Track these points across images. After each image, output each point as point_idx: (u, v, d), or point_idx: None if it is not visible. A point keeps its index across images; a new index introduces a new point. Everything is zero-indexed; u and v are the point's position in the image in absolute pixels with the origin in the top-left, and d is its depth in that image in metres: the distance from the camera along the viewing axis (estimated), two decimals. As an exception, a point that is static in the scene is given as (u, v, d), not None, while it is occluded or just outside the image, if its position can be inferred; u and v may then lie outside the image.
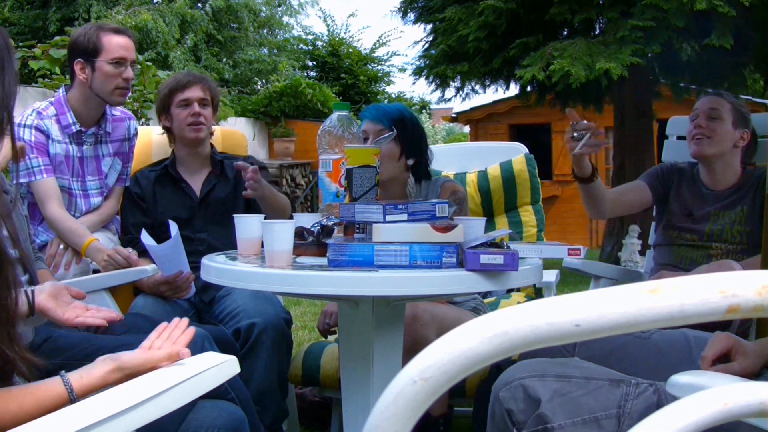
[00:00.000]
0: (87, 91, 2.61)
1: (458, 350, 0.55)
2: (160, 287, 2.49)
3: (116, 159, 2.76)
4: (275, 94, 11.81)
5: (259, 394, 2.26)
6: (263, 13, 16.53)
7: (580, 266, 2.53)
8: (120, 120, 2.79)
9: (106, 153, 2.74)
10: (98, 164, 2.72)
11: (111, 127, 2.74)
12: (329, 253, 1.59)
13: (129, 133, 2.80)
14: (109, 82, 2.59)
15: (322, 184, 1.89)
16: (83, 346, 1.86)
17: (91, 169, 2.70)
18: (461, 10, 7.42)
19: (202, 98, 2.66)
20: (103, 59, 2.57)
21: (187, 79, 2.69)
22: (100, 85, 2.59)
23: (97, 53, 2.57)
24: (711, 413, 0.59)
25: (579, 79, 6.34)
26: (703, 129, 2.46)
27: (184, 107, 2.64)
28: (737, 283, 0.54)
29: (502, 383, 1.36)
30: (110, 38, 2.59)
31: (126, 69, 2.60)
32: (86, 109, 2.65)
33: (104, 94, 2.61)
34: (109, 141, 2.75)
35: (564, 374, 1.34)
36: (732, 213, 2.45)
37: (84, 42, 2.58)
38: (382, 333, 1.77)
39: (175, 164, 2.74)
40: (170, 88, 2.69)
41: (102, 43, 2.57)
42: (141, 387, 1.11)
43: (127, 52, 2.61)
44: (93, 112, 2.67)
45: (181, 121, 2.65)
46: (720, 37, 6.43)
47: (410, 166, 2.43)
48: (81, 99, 2.64)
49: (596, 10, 7.01)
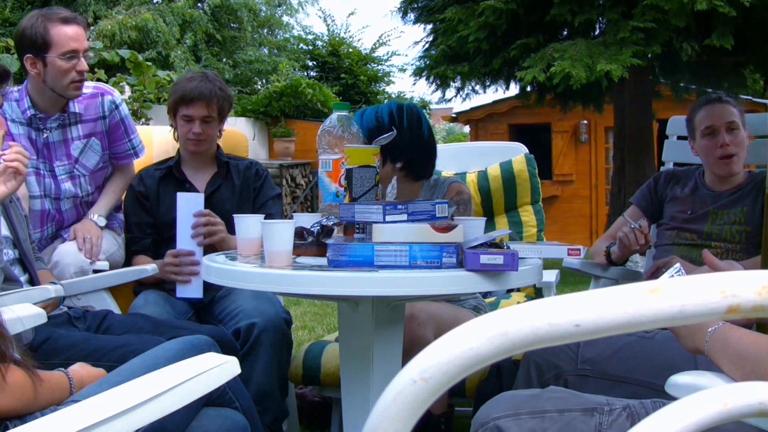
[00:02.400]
0: (41, 85, 2.50)
1: (458, 350, 0.55)
2: (166, 266, 2.48)
3: (93, 140, 2.64)
4: (275, 94, 11.81)
5: (259, 395, 2.26)
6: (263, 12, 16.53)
7: (580, 266, 2.53)
8: (92, 97, 2.65)
9: (76, 136, 2.63)
10: (67, 148, 2.62)
11: (81, 108, 2.62)
12: (329, 253, 1.59)
13: (103, 109, 2.66)
14: (63, 77, 2.47)
15: (322, 184, 1.89)
16: (83, 346, 1.86)
17: (59, 154, 2.61)
18: (461, 10, 7.43)
19: (205, 116, 2.59)
20: (54, 54, 2.43)
21: (192, 95, 2.57)
22: (53, 81, 2.48)
23: (47, 48, 2.43)
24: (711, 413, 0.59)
25: (579, 81, 6.35)
26: (729, 147, 2.43)
27: (187, 122, 2.61)
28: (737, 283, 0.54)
29: (478, 424, 1.36)
30: (59, 30, 2.43)
31: (79, 61, 2.47)
32: (42, 99, 2.55)
33: (59, 89, 2.50)
34: (81, 122, 2.63)
35: (538, 410, 1.34)
36: (732, 213, 2.45)
37: (32, 35, 2.42)
38: (382, 333, 1.77)
39: (180, 164, 2.73)
40: (176, 98, 2.61)
41: (51, 36, 2.42)
42: (141, 387, 1.11)
43: (79, 42, 2.47)
44: (51, 102, 2.56)
45: (182, 134, 2.65)
46: (720, 38, 6.44)
47: (399, 168, 2.35)
48: (36, 91, 2.54)
49: (597, 11, 7.01)
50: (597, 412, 1.33)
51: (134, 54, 7.04)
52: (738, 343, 1.22)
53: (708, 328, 1.28)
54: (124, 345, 1.86)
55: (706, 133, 2.48)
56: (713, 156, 2.47)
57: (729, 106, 2.49)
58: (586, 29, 7.20)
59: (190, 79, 2.65)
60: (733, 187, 2.49)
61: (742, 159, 2.47)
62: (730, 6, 6.24)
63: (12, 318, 1.56)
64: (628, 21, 6.56)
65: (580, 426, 1.31)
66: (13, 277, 1.98)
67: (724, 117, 2.45)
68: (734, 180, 2.50)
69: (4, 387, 1.23)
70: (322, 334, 4.70)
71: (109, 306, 2.36)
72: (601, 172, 12.49)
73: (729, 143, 2.43)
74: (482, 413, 1.38)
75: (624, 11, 6.73)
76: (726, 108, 2.48)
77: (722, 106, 2.49)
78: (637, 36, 6.49)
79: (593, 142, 12.49)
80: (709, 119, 2.48)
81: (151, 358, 1.45)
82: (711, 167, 2.51)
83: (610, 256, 2.50)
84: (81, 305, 2.31)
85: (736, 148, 2.44)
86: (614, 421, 1.31)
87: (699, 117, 2.51)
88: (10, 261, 2.03)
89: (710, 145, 2.47)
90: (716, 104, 2.50)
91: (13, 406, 1.26)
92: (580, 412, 1.33)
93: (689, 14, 6.32)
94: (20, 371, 1.27)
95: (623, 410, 1.32)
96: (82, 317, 2.16)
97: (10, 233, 2.04)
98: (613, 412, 1.32)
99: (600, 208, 12.34)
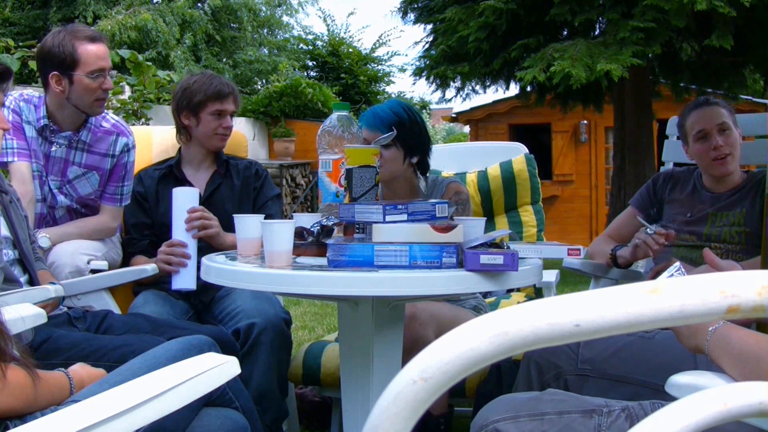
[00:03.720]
0: (63, 102, 2.51)
1: (458, 350, 0.55)
2: (159, 255, 2.44)
3: (94, 174, 2.63)
4: (275, 94, 11.81)
5: (259, 395, 2.26)
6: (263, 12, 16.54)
7: (580, 266, 2.53)
8: (108, 133, 2.65)
9: (78, 161, 2.61)
10: (65, 168, 2.60)
11: (92, 138, 2.62)
12: (329, 254, 1.59)
13: (114, 149, 2.66)
14: (89, 95, 2.49)
15: (322, 184, 1.89)
16: (83, 346, 1.86)
17: (55, 169, 2.59)
18: (461, 10, 7.43)
19: (233, 111, 2.69)
20: (82, 72, 2.45)
21: (227, 90, 2.64)
22: (78, 98, 2.49)
23: (74, 66, 2.44)
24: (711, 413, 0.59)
25: (579, 81, 6.35)
26: (723, 147, 2.44)
27: (218, 117, 2.64)
28: (737, 283, 0.54)
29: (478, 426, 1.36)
30: (87, 48, 2.45)
31: (105, 80, 2.50)
32: (61, 114, 2.55)
33: (83, 106, 2.52)
34: (87, 151, 2.62)
35: (537, 412, 1.34)
36: (731, 215, 2.45)
37: (59, 53, 2.43)
38: (382, 333, 1.77)
39: (180, 164, 2.73)
40: (208, 95, 2.62)
41: (79, 54, 2.43)
42: (141, 387, 1.11)
43: (105, 61, 2.49)
44: (69, 118, 2.56)
45: (210, 129, 2.64)
46: (720, 38, 6.44)
47: (414, 163, 2.42)
48: (56, 107, 2.54)
49: (597, 11, 7.01)
50: (596, 414, 1.33)
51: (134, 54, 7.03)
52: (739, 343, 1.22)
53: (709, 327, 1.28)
54: (124, 345, 1.85)
55: (698, 138, 2.48)
56: (708, 159, 2.47)
57: (718, 107, 2.49)
58: (586, 29, 7.20)
59: (210, 78, 2.69)
60: (731, 188, 2.49)
61: (736, 158, 2.48)
62: (730, 6, 6.24)
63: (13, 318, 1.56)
64: (628, 21, 6.56)
65: (579, 428, 1.31)
66: (13, 278, 1.98)
67: (714, 119, 2.45)
68: (732, 180, 2.50)
69: (5, 385, 1.22)
70: (322, 334, 4.71)
71: (108, 306, 2.36)
72: (601, 172, 12.50)
73: (722, 144, 2.43)
74: (481, 416, 1.38)
75: (624, 11, 6.73)
76: (715, 110, 2.48)
77: (711, 109, 2.48)
78: (637, 36, 6.48)
79: (593, 142, 12.49)
80: (699, 123, 2.48)
81: (151, 358, 1.45)
82: (707, 170, 2.51)
83: (616, 260, 2.50)
84: (81, 305, 2.31)
85: (729, 148, 2.44)
86: (613, 422, 1.31)
87: (690, 122, 2.51)
88: (10, 261, 2.03)
89: (704, 148, 2.47)
90: (705, 107, 2.50)
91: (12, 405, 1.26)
92: (579, 414, 1.33)
93: (689, 14, 6.32)
94: (20, 370, 1.27)
95: (622, 412, 1.32)
96: (82, 317, 2.16)
97: (10, 234, 2.04)
98: (612, 413, 1.32)
99: (600, 208, 12.34)
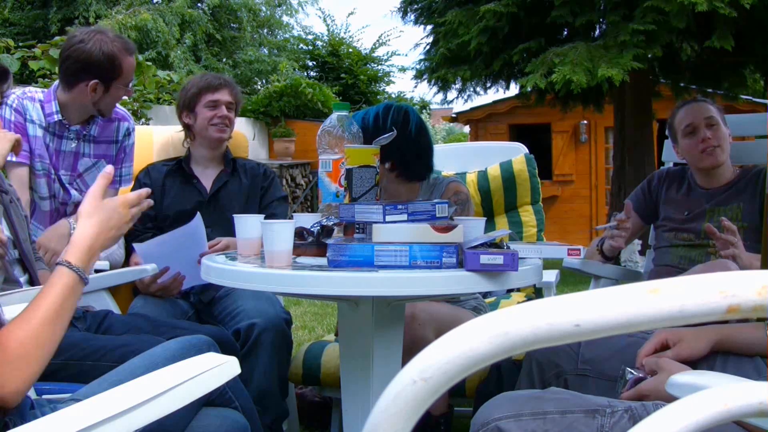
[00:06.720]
0: (87, 105, 2.55)
1: (458, 350, 0.55)
2: (150, 287, 2.50)
3: (102, 162, 2.67)
4: (275, 94, 11.81)
5: (259, 395, 2.26)
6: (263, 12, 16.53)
7: (580, 266, 2.53)
8: (110, 121, 2.70)
9: (87, 153, 2.66)
10: (75, 162, 2.65)
11: (98, 130, 2.67)
12: (329, 254, 1.59)
13: (117, 134, 2.72)
14: (115, 101, 2.59)
15: (322, 184, 1.89)
16: (83, 346, 1.86)
17: (66, 164, 2.63)
18: (462, 13, 7.41)
19: (229, 102, 2.71)
20: (120, 83, 2.52)
21: (218, 81, 2.72)
22: (105, 105, 2.56)
23: (116, 77, 2.50)
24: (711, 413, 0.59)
25: (580, 85, 6.35)
26: (711, 139, 2.46)
27: (212, 108, 2.68)
28: (737, 283, 0.54)
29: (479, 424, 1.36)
30: (129, 61, 2.52)
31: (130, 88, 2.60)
32: (77, 113, 2.59)
33: (106, 111, 2.60)
34: (93, 142, 2.67)
35: (539, 411, 1.34)
36: (728, 210, 2.46)
37: (105, 63, 2.46)
38: (382, 333, 1.77)
39: (189, 161, 2.78)
40: (200, 87, 2.70)
41: (123, 66, 2.50)
42: (141, 387, 1.11)
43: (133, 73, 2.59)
44: (82, 115, 2.61)
45: (206, 120, 2.69)
46: (721, 39, 6.43)
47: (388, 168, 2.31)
48: (75, 106, 2.56)
49: (598, 14, 7.01)
50: (599, 414, 1.33)
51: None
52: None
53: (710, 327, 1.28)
54: (124, 345, 1.86)
55: (687, 132, 2.51)
56: (696, 152, 2.50)
57: (706, 104, 2.54)
58: (586, 30, 7.20)
59: (204, 75, 2.78)
60: (725, 184, 2.52)
61: (725, 151, 2.50)
62: (730, 7, 6.24)
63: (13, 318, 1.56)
64: (628, 23, 6.55)
65: (582, 428, 1.31)
66: (13, 278, 1.98)
67: (702, 113, 2.49)
68: (724, 176, 2.52)
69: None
70: (322, 334, 4.71)
71: (109, 306, 2.36)
72: (601, 172, 12.49)
73: (710, 137, 2.47)
74: (483, 414, 1.37)
75: (625, 13, 6.72)
76: (703, 106, 2.53)
77: (699, 105, 2.54)
78: (637, 38, 6.47)
79: (593, 142, 12.49)
80: (687, 118, 2.52)
81: (150, 358, 1.45)
82: (696, 164, 2.54)
83: (604, 253, 2.52)
84: (81, 305, 2.31)
85: (717, 141, 2.47)
86: (616, 423, 1.31)
87: (678, 118, 2.56)
88: (10, 261, 2.03)
89: (692, 143, 2.50)
90: (693, 104, 2.56)
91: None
92: (582, 414, 1.33)
93: (690, 15, 6.31)
94: None
95: (625, 412, 1.32)
96: (82, 317, 2.16)
97: (10, 234, 2.04)
98: (615, 413, 1.32)
99: (600, 208, 12.33)
